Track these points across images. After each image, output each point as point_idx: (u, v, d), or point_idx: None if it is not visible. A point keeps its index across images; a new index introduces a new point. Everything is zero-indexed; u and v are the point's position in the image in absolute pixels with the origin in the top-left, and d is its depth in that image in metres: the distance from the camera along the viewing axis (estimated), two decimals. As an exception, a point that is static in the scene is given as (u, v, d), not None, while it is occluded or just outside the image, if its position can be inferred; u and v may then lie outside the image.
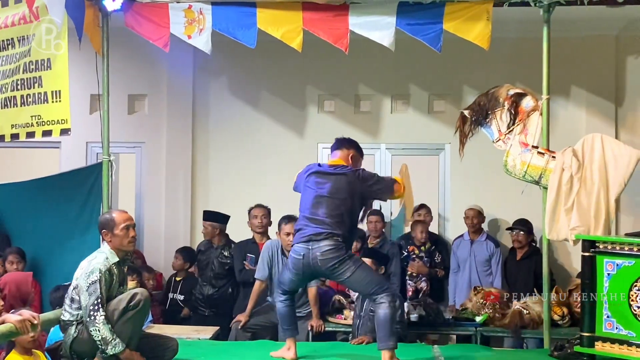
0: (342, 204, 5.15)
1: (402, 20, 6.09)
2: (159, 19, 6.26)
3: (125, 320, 4.72)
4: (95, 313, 4.63)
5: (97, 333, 4.62)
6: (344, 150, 5.47)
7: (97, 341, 4.63)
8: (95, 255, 4.84)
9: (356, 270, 5.04)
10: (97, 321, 4.62)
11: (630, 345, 4.92)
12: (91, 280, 4.68)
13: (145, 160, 8.48)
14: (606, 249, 5.11)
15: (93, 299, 4.65)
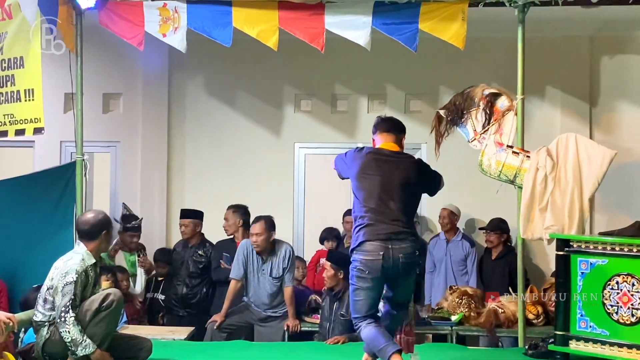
0: (413, 199, 4.79)
1: (378, 19, 6.11)
2: (134, 17, 6.22)
3: (97, 320, 4.71)
4: (66, 314, 4.61)
5: (67, 334, 4.60)
6: (397, 135, 4.93)
7: (67, 342, 4.61)
8: (70, 256, 4.81)
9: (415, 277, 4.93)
10: (67, 322, 4.60)
11: (604, 344, 4.97)
12: (67, 281, 4.66)
13: (120, 160, 8.42)
14: (580, 248, 5.16)
15: (66, 300, 4.63)
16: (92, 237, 4.87)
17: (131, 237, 7.27)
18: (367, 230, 4.56)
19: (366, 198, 4.63)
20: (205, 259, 7.21)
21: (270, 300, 6.54)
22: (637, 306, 4.85)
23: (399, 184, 4.62)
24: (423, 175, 4.83)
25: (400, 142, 4.90)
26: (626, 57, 8.07)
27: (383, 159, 4.74)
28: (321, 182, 8.36)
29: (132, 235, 7.28)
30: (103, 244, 4.93)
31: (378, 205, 4.58)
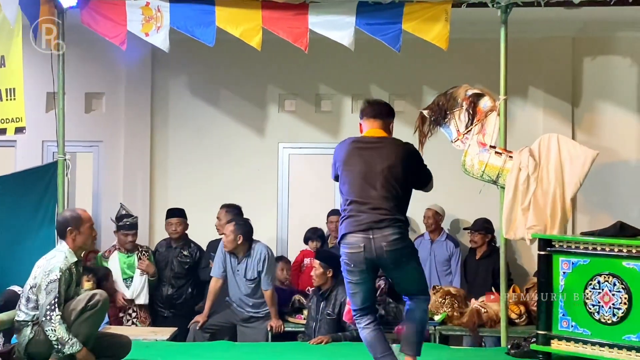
0: (398, 181, 4.49)
1: (361, 20, 6.12)
2: (116, 16, 6.20)
3: (82, 320, 4.70)
4: (52, 313, 4.59)
5: (53, 333, 4.58)
6: (384, 120, 4.74)
7: (54, 341, 4.59)
8: (54, 254, 4.80)
9: (417, 264, 4.58)
10: (54, 321, 4.58)
11: (586, 343, 5.00)
12: (50, 279, 4.64)
13: (102, 160, 8.38)
14: (562, 248, 5.19)
15: (50, 298, 4.61)
16: (62, 236, 4.88)
17: (125, 235, 7.04)
18: (348, 222, 4.44)
19: (348, 190, 4.50)
20: (190, 259, 7.18)
21: (248, 301, 6.52)
22: (618, 306, 4.88)
23: (381, 170, 4.45)
24: (411, 159, 4.61)
25: (388, 127, 4.73)
26: (608, 58, 8.12)
27: (365, 147, 4.59)
28: (305, 182, 8.37)
29: (126, 233, 7.04)
30: (76, 241, 4.86)
31: (359, 196, 4.44)
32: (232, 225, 6.52)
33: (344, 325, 6.07)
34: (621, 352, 4.87)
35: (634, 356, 4.81)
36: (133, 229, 7.12)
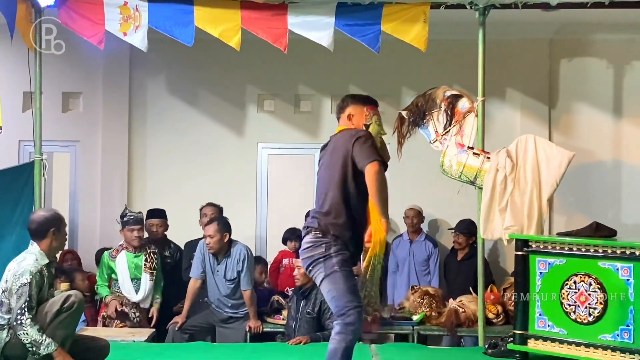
0: (328, 179, 4.26)
1: (340, 20, 6.13)
2: (94, 16, 6.16)
3: (58, 322, 4.68)
4: (22, 317, 4.57)
5: (25, 337, 4.56)
6: (343, 111, 4.55)
7: (27, 344, 4.57)
8: (24, 257, 4.75)
9: (324, 278, 4.11)
10: (24, 324, 4.56)
11: (562, 343, 5.04)
12: (21, 283, 4.60)
13: (80, 159, 8.32)
14: (539, 248, 5.22)
15: (21, 302, 4.58)
16: (41, 236, 4.81)
17: (131, 231, 6.68)
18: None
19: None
20: (171, 260, 7.15)
21: (226, 302, 6.52)
22: (594, 305, 4.93)
23: (321, 171, 4.38)
24: (347, 144, 4.25)
25: (347, 120, 4.48)
26: (584, 60, 8.19)
27: (323, 151, 4.49)
28: (284, 183, 8.37)
29: (132, 229, 6.67)
30: (54, 242, 4.84)
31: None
32: (216, 225, 6.50)
33: (324, 325, 6.08)
34: (597, 351, 4.91)
35: (609, 355, 4.86)
36: (138, 223, 6.76)
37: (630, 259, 4.81)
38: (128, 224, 6.70)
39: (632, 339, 4.78)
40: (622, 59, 8.11)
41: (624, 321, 4.82)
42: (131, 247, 6.70)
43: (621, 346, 4.82)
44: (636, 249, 4.79)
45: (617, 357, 4.83)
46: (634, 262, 4.79)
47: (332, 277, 4.09)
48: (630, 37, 8.01)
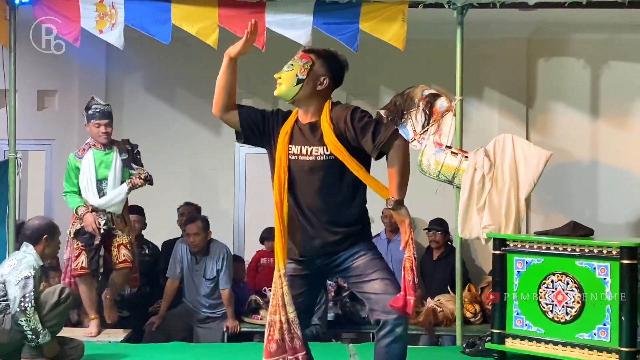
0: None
1: (319, 19, 6.14)
2: (69, 13, 6.10)
3: (56, 313, 4.83)
4: (27, 304, 4.65)
5: (27, 324, 4.65)
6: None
7: (27, 331, 4.66)
8: (24, 255, 4.88)
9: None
10: (28, 312, 4.65)
11: (539, 342, 5.07)
12: (24, 275, 4.72)
13: (55, 158, 8.23)
14: (516, 247, 5.25)
15: (26, 291, 4.68)
16: (34, 242, 4.94)
17: (97, 126, 6.04)
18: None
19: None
20: (150, 259, 7.10)
21: (205, 302, 6.49)
22: (571, 305, 4.95)
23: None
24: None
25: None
26: (562, 60, 8.25)
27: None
28: (262, 182, 8.25)
29: (98, 123, 6.02)
30: (47, 249, 4.97)
31: None
32: (199, 223, 6.48)
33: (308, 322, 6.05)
34: (574, 350, 4.94)
35: (586, 354, 4.89)
36: (105, 117, 6.06)
37: (607, 258, 4.84)
38: (94, 118, 6.04)
39: (609, 337, 4.82)
40: (600, 59, 8.17)
41: (600, 320, 4.85)
42: (99, 145, 6.07)
43: (598, 345, 4.85)
44: (613, 248, 4.82)
45: (594, 356, 4.87)
46: (610, 261, 4.82)
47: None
48: (608, 37, 8.06)
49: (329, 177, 3.59)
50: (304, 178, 3.62)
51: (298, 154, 3.63)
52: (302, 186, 3.63)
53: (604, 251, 4.87)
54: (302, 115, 3.73)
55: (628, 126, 8.19)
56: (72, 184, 6.04)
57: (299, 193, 3.64)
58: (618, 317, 4.77)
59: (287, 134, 3.66)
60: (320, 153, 3.60)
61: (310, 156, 3.62)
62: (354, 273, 3.66)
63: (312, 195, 3.61)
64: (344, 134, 3.59)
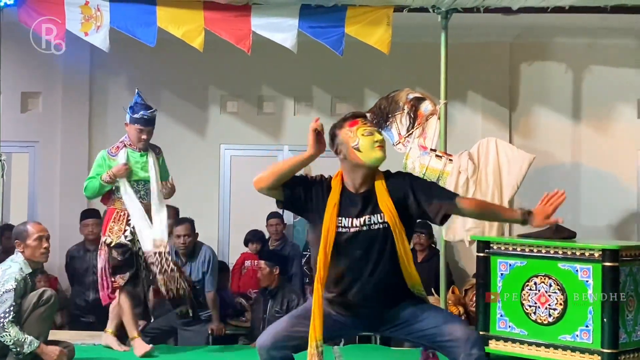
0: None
1: (304, 22, 6.15)
2: (55, 15, 6.09)
3: (36, 316, 4.78)
4: (4, 320, 4.61)
5: (8, 338, 4.61)
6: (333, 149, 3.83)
7: (11, 346, 4.63)
8: (9, 265, 4.83)
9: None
10: (6, 327, 4.60)
11: (522, 343, 5.08)
12: (6, 289, 4.67)
13: (39, 160, 8.21)
14: (500, 249, 5.26)
15: (5, 306, 4.64)
16: (16, 248, 4.91)
17: (139, 131, 5.69)
18: None
19: None
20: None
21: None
22: (554, 306, 4.98)
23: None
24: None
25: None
26: (544, 64, 8.31)
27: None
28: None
29: (140, 129, 5.67)
30: (25, 253, 4.87)
31: None
32: (188, 224, 6.47)
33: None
34: (557, 352, 4.97)
35: (569, 356, 4.92)
36: (150, 125, 5.69)
37: (590, 261, 4.87)
38: (138, 122, 5.63)
39: (591, 339, 4.84)
40: (581, 63, 8.24)
41: (583, 322, 4.87)
42: (135, 147, 5.69)
43: (580, 346, 4.88)
44: (595, 250, 4.86)
45: (577, 357, 4.89)
46: (592, 263, 4.85)
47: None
48: (589, 41, 8.14)
49: (380, 246, 3.52)
50: (354, 248, 3.53)
51: (349, 226, 3.53)
52: (347, 256, 3.54)
53: (586, 254, 4.89)
54: (353, 184, 3.61)
55: (609, 129, 8.27)
56: (97, 174, 5.59)
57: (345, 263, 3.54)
58: (600, 319, 4.79)
59: (335, 207, 3.54)
60: (375, 221, 3.52)
61: (363, 226, 3.53)
62: (402, 321, 3.60)
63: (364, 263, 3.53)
64: (403, 201, 3.55)
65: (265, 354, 3.50)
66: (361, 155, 3.53)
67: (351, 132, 3.56)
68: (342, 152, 3.60)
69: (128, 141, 5.69)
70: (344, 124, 3.62)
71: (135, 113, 5.63)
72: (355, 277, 3.51)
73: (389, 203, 3.50)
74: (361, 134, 3.53)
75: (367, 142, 3.52)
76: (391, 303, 3.57)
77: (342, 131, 3.61)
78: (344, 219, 3.52)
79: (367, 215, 3.52)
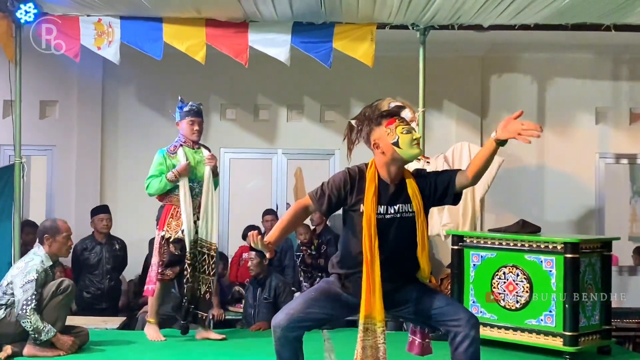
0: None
1: (296, 38, 6.17)
2: (70, 31, 6.10)
3: (55, 303, 4.77)
4: (27, 307, 4.62)
5: (29, 324, 4.62)
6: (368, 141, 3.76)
7: (30, 331, 4.63)
8: (31, 257, 4.83)
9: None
10: (29, 314, 4.61)
11: (492, 327, 5.11)
12: (28, 279, 4.67)
13: (56, 163, 8.18)
14: (472, 243, 5.28)
15: (27, 295, 4.64)
16: (41, 242, 4.91)
17: (191, 123, 5.42)
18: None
19: None
20: (121, 253, 7.04)
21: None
22: (521, 294, 5.01)
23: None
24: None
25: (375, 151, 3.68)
26: (512, 75, 8.33)
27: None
28: (244, 184, 8.34)
29: (192, 121, 5.41)
30: (51, 248, 4.88)
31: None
32: None
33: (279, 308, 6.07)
34: (523, 334, 5.00)
35: (534, 338, 4.95)
36: (199, 116, 5.44)
37: (553, 253, 4.90)
38: (189, 115, 5.39)
39: (554, 323, 4.88)
40: (545, 75, 8.28)
41: (547, 307, 4.91)
42: (189, 142, 5.45)
43: (545, 329, 4.91)
44: (558, 244, 4.89)
45: (541, 339, 4.93)
46: (555, 255, 4.88)
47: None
48: (553, 55, 8.17)
49: (407, 233, 3.53)
50: (387, 233, 3.51)
51: (384, 213, 3.51)
52: (385, 240, 3.50)
53: (549, 246, 4.93)
54: (388, 176, 3.56)
55: (571, 135, 8.30)
56: (158, 175, 5.35)
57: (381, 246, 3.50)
58: (562, 305, 4.83)
59: (374, 195, 3.51)
60: (406, 210, 3.53)
61: (397, 214, 3.52)
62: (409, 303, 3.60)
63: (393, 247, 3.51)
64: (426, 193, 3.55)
65: (280, 332, 3.47)
66: (400, 151, 3.51)
67: (389, 129, 3.57)
68: (379, 147, 3.57)
69: (182, 140, 5.43)
70: (382, 121, 3.61)
71: (183, 108, 5.42)
72: (381, 259, 3.47)
73: (418, 194, 3.52)
74: (400, 131, 3.54)
75: (406, 140, 3.52)
76: (402, 286, 3.57)
77: (379, 128, 3.60)
78: (381, 206, 3.50)
79: (400, 204, 3.52)
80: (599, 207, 8.28)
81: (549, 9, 5.78)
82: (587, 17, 6.08)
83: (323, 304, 3.55)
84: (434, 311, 3.52)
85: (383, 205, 3.51)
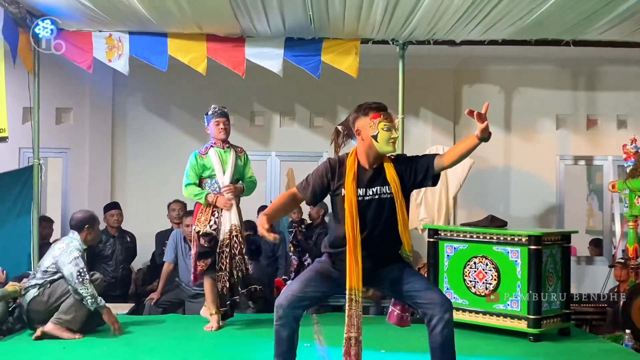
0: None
1: (288, 52, 6.19)
2: (84, 45, 6.09)
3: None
4: (84, 276, 4.66)
5: (86, 291, 4.66)
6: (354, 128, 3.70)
7: (87, 297, 4.66)
8: (71, 240, 4.88)
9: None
10: (86, 281, 4.66)
11: (464, 311, 5.14)
12: (74, 256, 4.72)
13: (70, 164, 8.14)
14: (446, 235, 5.31)
15: (80, 267, 4.69)
16: (79, 230, 4.94)
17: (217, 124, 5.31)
18: None
19: None
20: (132, 245, 7.03)
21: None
22: (489, 281, 5.04)
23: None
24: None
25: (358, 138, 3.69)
26: (482, 86, 8.37)
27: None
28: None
29: (217, 121, 5.29)
30: (89, 236, 4.96)
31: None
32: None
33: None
34: (492, 318, 5.04)
35: (502, 321, 4.99)
36: (223, 116, 5.31)
37: (518, 245, 4.94)
38: (214, 116, 5.30)
39: (519, 307, 4.92)
40: (512, 86, 8.32)
41: (513, 294, 4.94)
42: (219, 142, 5.33)
43: (511, 313, 4.95)
44: (522, 236, 4.93)
45: (508, 321, 4.97)
46: (520, 247, 4.92)
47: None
48: (518, 68, 8.22)
49: (386, 212, 3.52)
50: (367, 213, 3.51)
51: (364, 195, 3.51)
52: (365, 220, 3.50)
53: (515, 239, 4.96)
54: (367, 161, 3.56)
55: (534, 139, 8.36)
56: (194, 176, 5.26)
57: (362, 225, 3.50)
58: (526, 291, 4.87)
59: (354, 179, 3.51)
60: (383, 192, 3.51)
61: (375, 195, 3.51)
62: (391, 281, 3.60)
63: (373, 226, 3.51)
64: (405, 175, 3.54)
65: (281, 311, 3.48)
66: (377, 145, 3.51)
67: (373, 122, 3.54)
68: (360, 134, 3.57)
69: (212, 141, 5.33)
70: (370, 112, 3.58)
71: (208, 112, 5.36)
72: (362, 237, 3.47)
73: (395, 177, 3.51)
74: (381, 127, 3.51)
75: (384, 136, 3.50)
76: (385, 263, 3.57)
77: (365, 118, 3.57)
78: (360, 189, 3.50)
79: (378, 186, 3.51)
80: (559, 204, 8.34)
81: (514, 26, 5.83)
82: (549, 34, 6.13)
83: (317, 282, 3.58)
84: (412, 293, 3.52)
85: (362, 188, 3.50)
